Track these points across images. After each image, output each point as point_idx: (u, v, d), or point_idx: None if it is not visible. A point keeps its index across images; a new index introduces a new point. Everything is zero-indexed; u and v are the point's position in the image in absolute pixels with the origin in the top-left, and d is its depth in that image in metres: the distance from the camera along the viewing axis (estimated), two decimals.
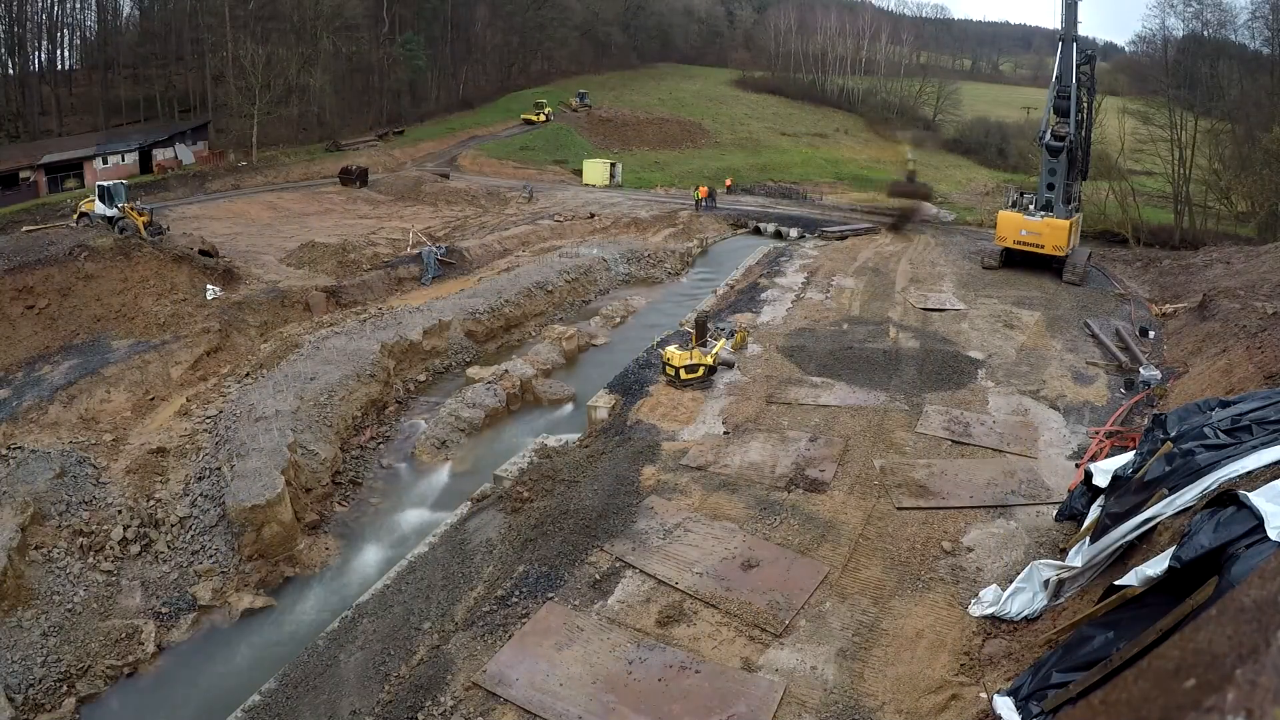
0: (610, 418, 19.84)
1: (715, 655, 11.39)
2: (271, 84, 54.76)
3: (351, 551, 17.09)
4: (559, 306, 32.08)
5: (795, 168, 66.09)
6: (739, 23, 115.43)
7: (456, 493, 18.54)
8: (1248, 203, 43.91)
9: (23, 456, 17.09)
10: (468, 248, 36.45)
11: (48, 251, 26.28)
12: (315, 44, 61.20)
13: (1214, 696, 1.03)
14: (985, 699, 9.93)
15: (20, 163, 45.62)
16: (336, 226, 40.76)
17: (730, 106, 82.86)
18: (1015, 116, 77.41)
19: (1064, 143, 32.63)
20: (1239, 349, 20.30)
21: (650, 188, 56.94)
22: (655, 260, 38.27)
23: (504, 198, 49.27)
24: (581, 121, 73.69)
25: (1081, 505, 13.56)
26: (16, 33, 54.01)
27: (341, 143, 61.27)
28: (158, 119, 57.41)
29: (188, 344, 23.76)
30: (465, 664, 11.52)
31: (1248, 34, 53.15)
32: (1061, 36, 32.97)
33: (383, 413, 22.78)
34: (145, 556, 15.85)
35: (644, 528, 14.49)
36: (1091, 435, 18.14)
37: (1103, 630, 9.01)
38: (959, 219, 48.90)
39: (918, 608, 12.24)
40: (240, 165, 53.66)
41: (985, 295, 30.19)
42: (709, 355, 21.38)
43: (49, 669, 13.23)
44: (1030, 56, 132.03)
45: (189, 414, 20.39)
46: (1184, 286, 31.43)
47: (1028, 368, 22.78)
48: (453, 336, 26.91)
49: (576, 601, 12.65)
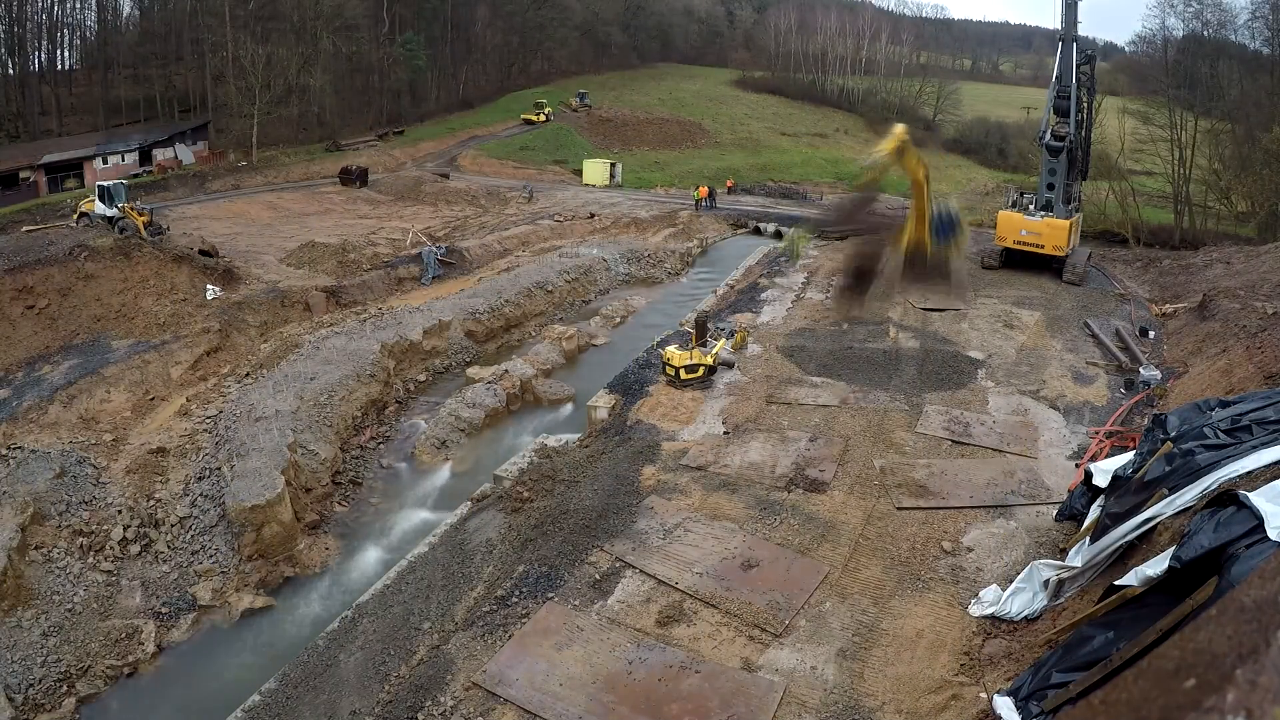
0: (610, 418, 19.84)
1: (715, 655, 11.38)
2: (271, 84, 54.74)
3: (351, 551, 17.09)
4: (559, 306, 32.08)
5: (795, 168, 66.08)
6: (739, 23, 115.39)
7: (456, 493, 18.54)
8: (1248, 203, 43.90)
9: (23, 456, 17.10)
10: (468, 248, 36.44)
11: (48, 251, 26.29)
12: (315, 44, 61.18)
13: (1214, 696, 1.03)
14: (985, 699, 9.93)
15: (20, 163, 45.60)
16: (336, 226, 40.75)
17: (730, 106, 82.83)
18: (1015, 116, 77.40)
19: (1064, 143, 32.60)
20: (1239, 349, 20.30)
21: (650, 188, 56.92)
22: (655, 260, 38.27)
23: (504, 198, 49.26)
24: (581, 121, 73.66)
25: (1081, 505, 13.55)
26: (16, 33, 53.98)
27: (341, 143, 61.25)
28: (158, 119, 57.38)
29: (188, 344, 23.76)
30: (465, 664, 11.51)
31: (1248, 34, 53.17)
32: (1061, 36, 32.95)
33: (383, 413, 22.78)
34: (145, 556, 15.85)
35: (644, 528, 14.48)
36: (1091, 435, 18.13)
37: (1103, 630, 9.01)
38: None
39: (918, 608, 12.24)
40: (240, 165, 53.64)
41: (985, 295, 30.16)
42: (709, 355, 21.37)
43: (49, 669, 13.24)
44: (1030, 56, 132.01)
45: (189, 414, 20.39)
46: (1184, 286, 31.42)
47: (1028, 368, 22.77)
48: (453, 336, 26.91)
49: (576, 601, 12.65)
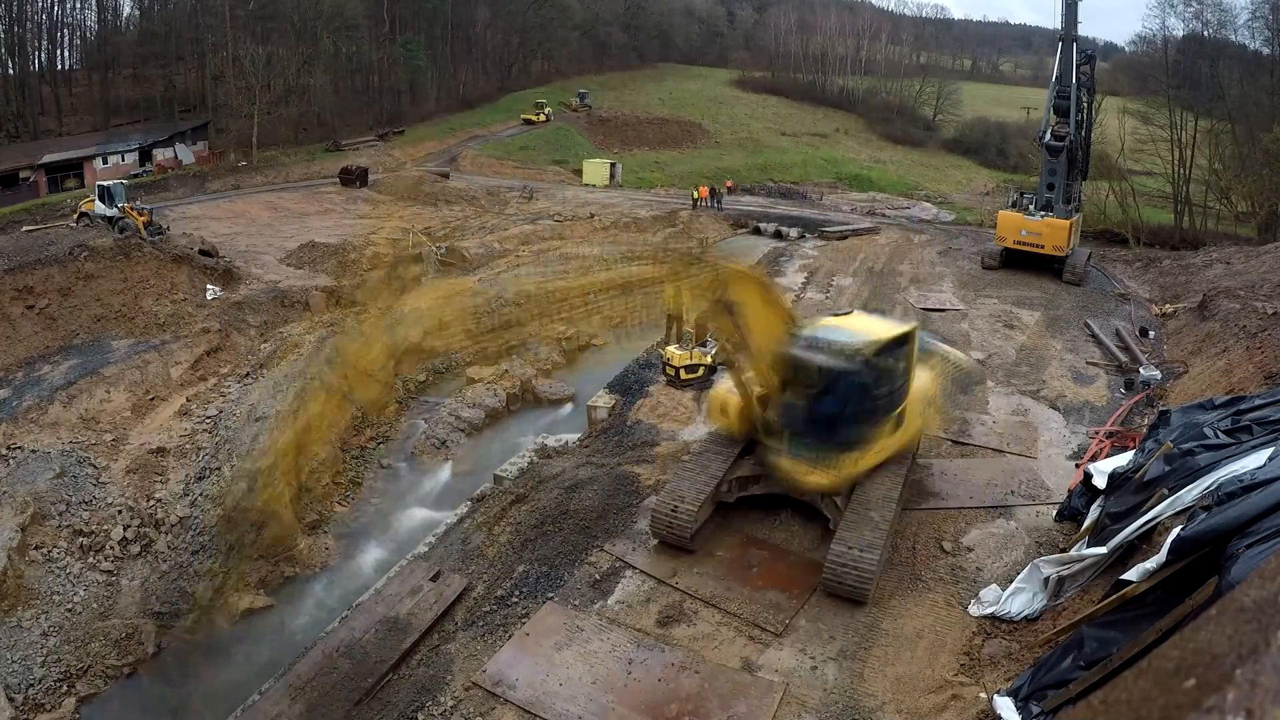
0: (610, 418, 19.84)
1: (715, 655, 11.38)
2: (271, 84, 54.75)
3: (351, 551, 17.09)
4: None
5: (795, 168, 66.12)
6: (739, 23, 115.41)
7: (456, 493, 18.53)
8: (1248, 203, 43.90)
9: (23, 456, 17.10)
10: (468, 248, 36.44)
11: (48, 251, 26.27)
12: (315, 44, 61.18)
13: (1214, 696, 1.03)
14: (985, 699, 9.93)
15: (20, 163, 45.60)
16: (336, 226, 40.73)
17: (730, 106, 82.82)
18: (1015, 116, 77.46)
19: (1064, 143, 32.60)
20: (1239, 349, 20.30)
21: (650, 188, 56.91)
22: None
23: (504, 198, 49.25)
24: (581, 121, 73.64)
25: (1081, 505, 13.56)
26: (16, 33, 53.98)
27: (341, 143, 61.23)
28: (158, 119, 57.37)
29: (188, 344, 23.76)
30: (465, 664, 11.51)
31: (1248, 34, 53.22)
32: (1061, 36, 32.94)
33: (383, 413, 22.77)
34: (145, 556, 15.85)
35: (644, 528, 14.48)
36: (1091, 435, 18.13)
37: (1103, 630, 9.02)
38: (959, 219, 48.90)
39: (918, 608, 12.23)
40: (240, 165, 53.63)
41: (985, 295, 30.18)
42: (709, 355, 21.38)
43: (49, 669, 13.23)
44: (1030, 56, 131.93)
45: (189, 414, 20.39)
46: (1184, 286, 31.41)
47: (1028, 368, 22.77)
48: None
49: (576, 601, 12.65)
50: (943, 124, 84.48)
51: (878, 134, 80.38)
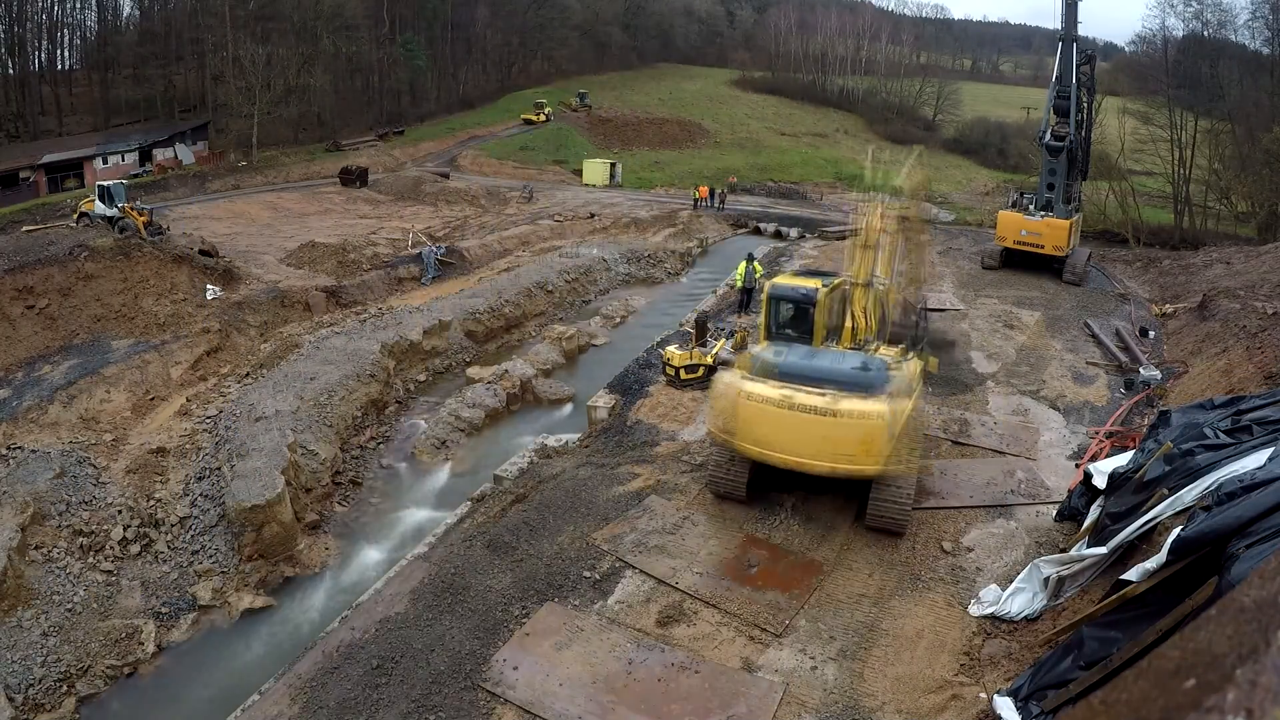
0: (610, 417, 19.84)
1: (715, 655, 11.38)
2: (271, 84, 54.79)
3: (351, 551, 17.08)
4: (559, 306, 32.07)
5: (795, 168, 66.13)
6: (739, 23, 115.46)
7: (456, 493, 18.53)
8: (1248, 203, 43.93)
9: (23, 456, 17.10)
10: (468, 248, 36.45)
11: (48, 251, 26.28)
12: (315, 44, 61.24)
13: (1214, 696, 1.02)
14: (985, 699, 9.93)
15: (20, 163, 45.63)
16: (336, 226, 40.75)
17: (730, 106, 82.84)
18: (1015, 116, 77.54)
19: (1064, 143, 32.61)
20: (1239, 349, 20.30)
21: (650, 188, 56.92)
22: (655, 260, 38.26)
23: (504, 198, 49.27)
24: (581, 121, 73.69)
25: (1081, 505, 13.56)
26: (16, 33, 54.01)
27: (341, 143, 61.28)
28: (158, 119, 57.40)
29: (188, 344, 23.77)
30: (465, 664, 11.49)
31: (1248, 34, 53.25)
32: (1061, 36, 32.95)
33: (383, 413, 22.78)
34: (145, 556, 15.84)
35: (644, 527, 14.47)
36: (1091, 435, 18.12)
37: (1103, 630, 9.01)
38: (959, 219, 48.89)
39: (918, 608, 12.23)
40: (240, 165, 53.65)
41: (985, 295, 30.18)
42: (709, 355, 21.37)
43: (49, 669, 13.23)
44: (1030, 56, 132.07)
45: (189, 414, 20.39)
46: (1184, 286, 31.41)
47: (1028, 368, 22.77)
48: (453, 336, 26.90)
49: (576, 601, 12.64)
50: (943, 124, 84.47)
51: (878, 134, 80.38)
